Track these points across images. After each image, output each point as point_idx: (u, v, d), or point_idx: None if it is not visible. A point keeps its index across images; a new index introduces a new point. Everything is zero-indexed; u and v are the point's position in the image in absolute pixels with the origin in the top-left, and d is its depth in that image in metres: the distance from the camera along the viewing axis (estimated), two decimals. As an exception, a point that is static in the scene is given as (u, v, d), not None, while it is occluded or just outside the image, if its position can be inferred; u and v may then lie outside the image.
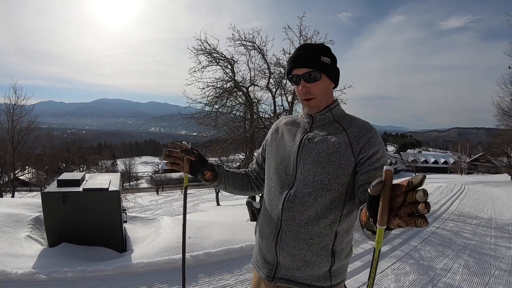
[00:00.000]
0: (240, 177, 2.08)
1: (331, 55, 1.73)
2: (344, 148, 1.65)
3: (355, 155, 1.64)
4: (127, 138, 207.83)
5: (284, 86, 10.24)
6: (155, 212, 25.01)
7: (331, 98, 1.79)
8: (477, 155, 74.56)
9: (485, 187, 22.10)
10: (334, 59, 1.75)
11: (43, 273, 4.20)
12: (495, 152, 48.36)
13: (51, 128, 51.79)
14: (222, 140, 10.54)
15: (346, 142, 1.66)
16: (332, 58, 1.73)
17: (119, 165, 71.39)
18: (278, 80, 10.26)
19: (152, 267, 4.75)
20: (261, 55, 10.09)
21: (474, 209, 12.17)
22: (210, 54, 10.06)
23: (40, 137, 31.37)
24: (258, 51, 10.05)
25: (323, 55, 1.70)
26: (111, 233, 5.40)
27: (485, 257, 6.35)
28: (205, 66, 10.12)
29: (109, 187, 5.36)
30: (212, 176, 1.96)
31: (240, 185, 2.08)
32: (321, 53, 1.70)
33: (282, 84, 10.22)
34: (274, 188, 1.80)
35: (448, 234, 7.90)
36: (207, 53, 10.02)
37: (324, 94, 1.73)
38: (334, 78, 1.76)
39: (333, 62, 1.73)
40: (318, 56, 1.69)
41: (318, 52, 1.70)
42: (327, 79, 1.72)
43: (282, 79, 10.20)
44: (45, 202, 5.07)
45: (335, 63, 1.76)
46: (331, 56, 1.72)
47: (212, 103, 10.36)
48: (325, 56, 1.70)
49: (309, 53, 1.70)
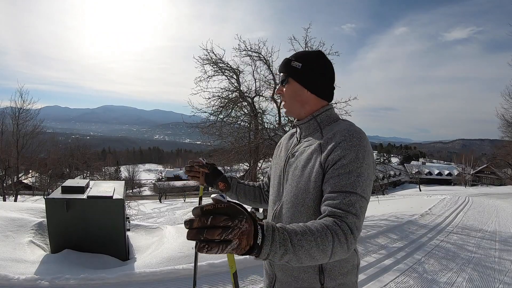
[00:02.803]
0: (252, 189, 2.21)
1: (306, 60, 1.70)
2: (314, 159, 1.58)
3: (322, 164, 1.54)
4: (131, 145, 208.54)
5: (289, 97, 10.26)
6: (158, 220, 24.95)
7: (312, 105, 1.74)
8: (482, 167, 74.38)
9: (489, 199, 21.98)
10: (310, 64, 1.69)
11: (45, 279, 4.19)
12: (499, 163, 48.18)
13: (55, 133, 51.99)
14: (226, 150, 10.54)
15: (318, 151, 1.59)
16: (305, 63, 1.69)
17: (122, 172, 71.42)
18: (284, 91, 10.28)
19: (155, 276, 4.73)
20: (266, 66, 10.13)
21: (478, 222, 12.09)
22: (216, 64, 10.11)
23: (44, 142, 31.36)
24: (264, 61, 10.09)
25: (295, 60, 1.71)
26: (114, 241, 5.39)
27: (489, 271, 6.29)
28: (211, 76, 10.18)
29: (113, 195, 5.36)
30: (224, 187, 2.13)
31: (252, 196, 2.21)
32: (294, 58, 1.72)
33: (288, 95, 10.24)
34: (270, 203, 1.87)
35: (452, 248, 7.84)
36: (213, 63, 10.06)
37: (293, 98, 1.74)
38: (305, 82, 1.71)
39: (305, 67, 1.69)
40: (289, 61, 1.73)
41: (292, 58, 1.73)
42: (296, 83, 1.71)
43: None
44: (49, 208, 5.07)
45: (310, 68, 1.69)
46: (305, 62, 1.69)
47: (217, 113, 10.37)
48: (297, 61, 1.70)
49: (285, 60, 1.76)
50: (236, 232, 0.95)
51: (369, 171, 1.49)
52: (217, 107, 10.39)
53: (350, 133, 1.52)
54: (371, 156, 1.54)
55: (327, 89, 1.75)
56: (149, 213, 31.04)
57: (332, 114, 1.75)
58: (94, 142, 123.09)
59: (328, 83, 1.74)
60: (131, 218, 7.48)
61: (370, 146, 1.55)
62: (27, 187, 35.57)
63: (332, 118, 1.73)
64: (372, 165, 1.53)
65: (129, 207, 23.48)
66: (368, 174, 1.47)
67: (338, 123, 1.68)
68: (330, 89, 1.77)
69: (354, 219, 1.34)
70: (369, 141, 1.59)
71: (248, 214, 1.02)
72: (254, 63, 10.28)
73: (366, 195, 1.44)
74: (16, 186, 24.53)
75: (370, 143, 1.58)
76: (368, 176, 1.47)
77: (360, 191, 1.41)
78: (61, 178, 29.49)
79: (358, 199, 1.39)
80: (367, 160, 1.48)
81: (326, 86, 1.74)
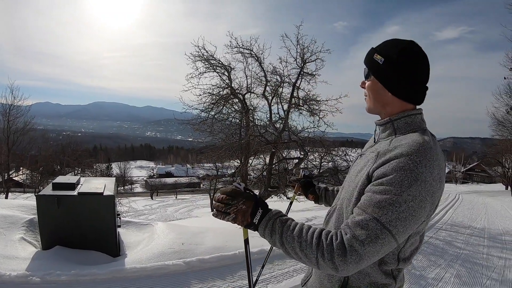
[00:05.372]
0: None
1: (390, 54, 1.44)
2: (367, 167, 1.40)
3: (369, 175, 1.37)
4: (123, 142, 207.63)
5: (280, 94, 10.30)
6: (149, 217, 24.94)
7: (393, 107, 1.50)
8: (472, 165, 74.78)
9: (479, 196, 22.23)
10: (394, 60, 1.43)
11: (36, 276, 4.22)
12: (490, 161, 48.60)
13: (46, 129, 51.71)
14: (217, 147, 10.57)
15: (373, 160, 1.40)
16: (388, 58, 1.44)
17: (114, 169, 71.10)
18: (275, 88, 10.31)
19: (145, 272, 4.77)
20: (258, 63, 10.14)
21: (467, 218, 12.27)
22: (207, 61, 10.10)
23: (35, 138, 31.19)
24: (255, 58, 10.11)
25: (378, 53, 1.48)
26: (105, 238, 5.41)
27: (477, 267, 6.41)
28: (202, 73, 10.16)
29: (104, 191, 5.37)
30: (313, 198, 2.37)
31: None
32: (376, 50, 1.50)
33: (278, 92, 10.28)
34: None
35: (441, 244, 7.95)
36: (204, 59, 10.05)
37: (374, 97, 1.54)
38: (387, 82, 1.47)
39: (388, 63, 1.43)
40: (372, 53, 1.52)
41: (376, 49, 1.51)
42: (376, 82, 1.50)
43: (278, 87, 10.26)
44: (40, 205, 5.08)
45: (394, 65, 1.43)
46: (388, 56, 1.44)
47: (208, 110, 10.39)
48: (380, 54, 1.47)
49: (370, 50, 1.55)
50: (233, 209, 1.40)
51: (412, 204, 1.23)
52: (209, 104, 10.40)
53: (412, 151, 1.28)
54: (424, 189, 1.25)
55: (415, 90, 1.47)
56: (141, 210, 30.97)
57: (414, 121, 1.47)
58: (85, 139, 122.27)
59: (416, 84, 1.46)
60: (122, 215, 7.49)
61: (432, 176, 1.27)
62: (18, 185, 35.40)
63: (412, 126, 1.46)
64: (421, 200, 1.25)
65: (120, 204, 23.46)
66: (408, 207, 1.23)
67: (413, 134, 1.39)
68: (419, 90, 1.48)
69: (355, 244, 1.22)
70: (440, 170, 1.32)
71: (251, 199, 1.42)
72: (245, 60, 10.29)
73: (394, 230, 1.23)
74: (7, 183, 24.40)
75: (439, 172, 1.31)
76: (407, 210, 1.23)
77: (385, 220, 1.22)
78: (52, 175, 29.30)
79: (378, 228, 1.22)
80: (414, 191, 1.23)
81: (413, 87, 1.46)
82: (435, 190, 1.29)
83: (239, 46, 10.04)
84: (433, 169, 1.27)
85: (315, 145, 10.81)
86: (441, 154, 1.38)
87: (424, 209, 1.27)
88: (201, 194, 46.71)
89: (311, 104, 10.22)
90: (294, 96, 10.14)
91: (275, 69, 10.21)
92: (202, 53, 9.98)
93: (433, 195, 1.29)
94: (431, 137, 1.39)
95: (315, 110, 10.18)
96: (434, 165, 1.28)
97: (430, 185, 1.25)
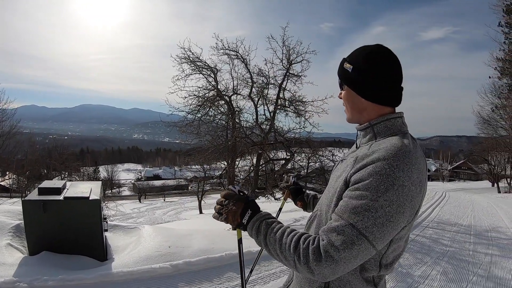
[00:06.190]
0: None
1: (356, 61, 1.46)
2: (346, 172, 1.38)
3: (347, 180, 1.35)
4: (110, 145, 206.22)
5: (266, 96, 10.34)
6: (137, 220, 24.78)
7: (370, 113, 1.49)
8: (459, 163, 75.57)
9: (466, 194, 22.43)
10: (360, 66, 1.44)
11: (23, 282, 4.21)
12: (476, 159, 49.27)
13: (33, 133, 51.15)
14: (204, 149, 10.59)
15: (351, 165, 1.38)
16: (356, 65, 1.46)
17: (101, 172, 70.67)
18: (261, 90, 10.35)
19: (132, 276, 4.78)
20: (244, 64, 10.18)
21: (454, 216, 12.38)
22: (193, 63, 10.11)
23: (21, 142, 30.87)
24: (241, 60, 10.14)
25: (348, 62, 1.50)
26: (92, 242, 5.41)
27: (463, 264, 6.48)
28: (188, 75, 10.15)
29: (90, 195, 5.37)
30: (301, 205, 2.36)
31: None
32: (346, 60, 1.52)
33: (264, 94, 10.32)
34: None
35: (427, 242, 8.03)
36: (190, 61, 10.06)
37: (350, 105, 1.54)
38: (358, 89, 1.47)
39: (356, 70, 1.45)
40: (342, 63, 1.53)
41: (346, 59, 1.53)
42: (349, 90, 1.51)
43: (264, 89, 10.30)
44: (26, 210, 5.07)
45: (361, 71, 1.44)
46: (355, 63, 1.46)
47: (195, 112, 10.40)
48: (349, 62, 1.49)
49: (342, 60, 1.56)
50: (225, 209, 1.51)
51: (389, 209, 1.20)
52: (195, 106, 10.41)
53: (389, 155, 1.25)
54: (402, 193, 1.22)
55: (388, 92, 1.46)
56: (129, 213, 30.76)
57: (394, 125, 1.46)
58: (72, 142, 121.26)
59: (387, 86, 1.44)
60: (109, 219, 7.47)
61: (411, 180, 1.24)
62: (5, 190, 34.98)
63: (392, 130, 1.45)
64: (399, 205, 1.21)
65: (107, 208, 23.30)
66: (385, 213, 1.20)
67: (393, 138, 1.37)
68: (393, 92, 1.47)
69: (331, 250, 1.20)
70: (420, 174, 1.29)
71: (242, 200, 1.51)
72: (232, 62, 10.31)
73: (371, 236, 1.20)
74: (-7, 189, 24.15)
75: (419, 176, 1.29)
76: (384, 216, 1.20)
77: (361, 226, 1.20)
78: (39, 179, 28.99)
79: (354, 234, 1.20)
80: (391, 196, 1.20)
81: (385, 89, 1.44)
82: (415, 195, 1.26)
83: (225, 48, 10.07)
84: (412, 173, 1.24)
85: (301, 145, 10.88)
86: (421, 158, 1.36)
87: (403, 214, 1.23)
88: (189, 196, 46.47)
89: (297, 105, 10.29)
90: (280, 97, 10.20)
91: (261, 71, 10.26)
92: (188, 55, 10.00)
93: (412, 200, 1.25)
94: (411, 140, 1.37)
95: (301, 111, 10.26)
96: (413, 169, 1.25)
97: (409, 189, 1.22)
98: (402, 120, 1.49)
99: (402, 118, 1.49)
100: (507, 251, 7.47)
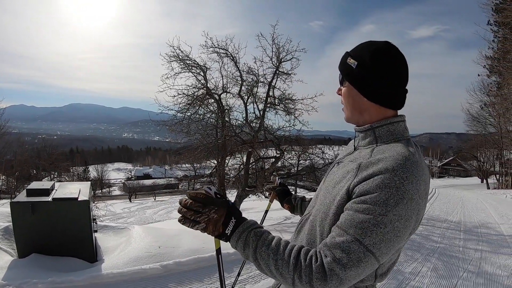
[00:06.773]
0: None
1: (362, 57, 1.34)
2: (347, 180, 1.29)
3: (349, 190, 1.25)
4: (100, 144, 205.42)
5: (256, 94, 10.36)
6: (128, 220, 24.67)
7: (371, 114, 1.39)
8: (448, 159, 76.18)
9: (455, 190, 22.59)
10: (366, 63, 1.33)
11: (13, 285, 4.18)
12: (465, 156, 49.84)
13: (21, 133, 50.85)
14: (194, 147, 10.58)
15: (353, 172, 1.29)
16: (361, 61, 1.34)
17: (91, 171, 70.10)
18: (250, 88, 10.37)
19: (122, 277, 4.77)
20: (233, 63, 10.20)
21: (444, 212, 12.44)
22: (182, 61, 10.12)
23: (10, 142, 30.70)
24: (231, 58, 10.15)
25: (351, 57, 1.38)
26: (82, 243, 5.37)
27: (453, 260, 6.52)
28: (178, 73, 10.19)
29: (78, 196, 5.34)
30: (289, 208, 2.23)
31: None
32: (350, 54, 1.41)
33: (254, 92, 10.34)
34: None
35: (417, 238, 8.03)
36: (179, 59, 10.06)
37: (350, 104, 1.44)
38: (361, 87, 1.37)
39: (361, 67, 1.34)
40: (346, 57, 1.42)
41: (349, 53, 1.42)
42: (351, 87, 1.40)
43: (253, 87, 10.32)
44: (14, 212, 5.02)
45: (367, 69, 1.33)
46: (361, 59, 1.35)
47: (184, 110, 10.39)
48: (353, 58, 1.37)
49: (344, 54, 1.45)
50: (204, 217, 1.25)
51: (397, 224, 1.14)
52: (184, 105, 10.41)
53: (397, 167, 1.17)
54: (411, 207, 1.16)
55: (392, 94, 1.36)
56: (119, 213, 30.59)
57: (397, 129, 1.37)
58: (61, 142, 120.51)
59: (393, 87, 1.34)
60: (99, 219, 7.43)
61: (419, 193, 1.19)
62: (-6, 191, 34.72)
63: (395, 135, 1.37)
64: (407, 219, 1.16)
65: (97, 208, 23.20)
66: (393, 228, 1.14)
67: (397, 145, 1.29)
68: (397, 94, 1.37)
69: (336, 268, 1.12)
70: (426, 186, 1.25)
71: (223, 207, 1.27)
72: (221, 60, 10.36)
73: (377, 252, 1.14)
74: (-19, 190, 23.96)
75: (425, 188, 1.24)
76: (392, 231, 1.14)
77: (368, 242, 1.13)
78: (28, 180, 28.78)
79: (361, 251, 1.13)
80: (400, 210, 1.14)
81: (390, 91, 1.35)
82: (421, 208, 1.22)
83: (215, 46, 10.11)
84: (420, 186, 1.18)
85: (291, 143, 10.90)
86: (426, 168, 1.28)
87: (409, 227, 1.19)
88: (180, 195, 46.31)
89: (287, 103, 10.34)
90: (269, 95, 10.24)
91: (250, 69, 10.31)
92: (177, 53, 10.03)
93: (418, 213, 1.21)
94: (415, 148, 1.31)
95: (290, 109, 10.31)
96: (420, 181, 1.19)
97: (416, 203, 1.17)
98: (405, 124, 1.41)
99: (405, 122, 1.42)
100: (496, 247, 7.55)
